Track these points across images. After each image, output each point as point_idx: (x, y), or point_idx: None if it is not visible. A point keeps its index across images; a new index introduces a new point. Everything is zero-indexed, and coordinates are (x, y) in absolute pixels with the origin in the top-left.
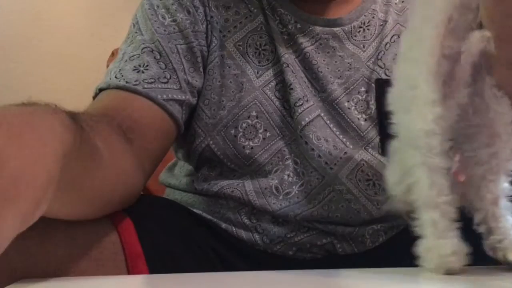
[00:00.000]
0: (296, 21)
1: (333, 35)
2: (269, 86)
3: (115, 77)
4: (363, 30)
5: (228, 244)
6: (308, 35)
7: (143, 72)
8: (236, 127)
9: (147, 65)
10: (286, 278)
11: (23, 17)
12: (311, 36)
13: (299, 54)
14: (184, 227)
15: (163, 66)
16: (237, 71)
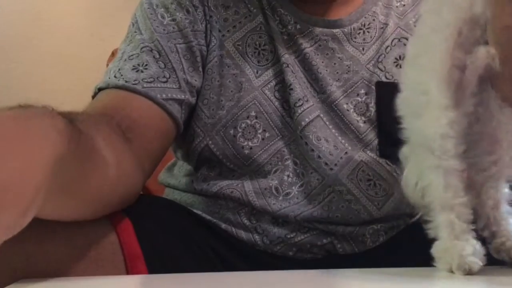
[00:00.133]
0: (296, 22)
1: (333, 37)
2: (268, 86)
3: (114, 76)
4: (363, 32)
5: (228, 245)
6: (307, 36)
7: (142, 71)
8: (235, 127)
9: (146, 65)
10: (286, 278)
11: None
12: (310, 37)
13: (299, 55)
14: (184, 227)
15: (162, 66)
16: (236, 70)
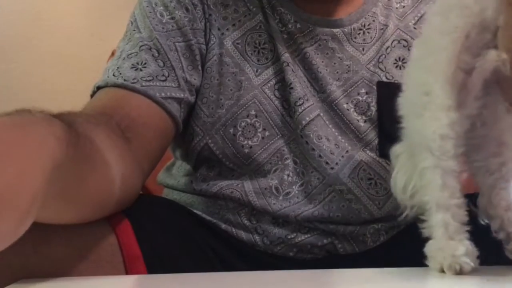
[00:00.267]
0: (296, 21)
1: (333, 36)
2: (268, 85)
3: (113, 75)
4: (363, 32)
5: (228, 245)
6: (308, 35)
7: (141, 70)
8: (235, 126)
9: (145, 63)
10: (286, 278)
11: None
12: (310, 37)
13: (299, 54)
14: (184, 228)
15: (161, 64)
16: (236, 69)
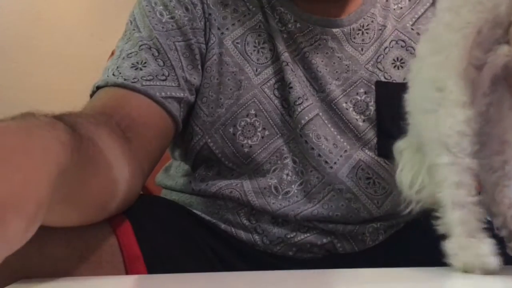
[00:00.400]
0: (296, 21)
1: (332, 36)
2: (268, 84)
3: (113, 74)
4: (362, 33)
5: (228, 245)
6: (307, 35)
7: (141, 69)
8: (235, 125)
9: (145, 62)
10: (286, 278)
11: (23, 17)
12: (310, 36)
13: (298, 53)
14: (184, 228)
15: (161, 63)
16: (235, 68)
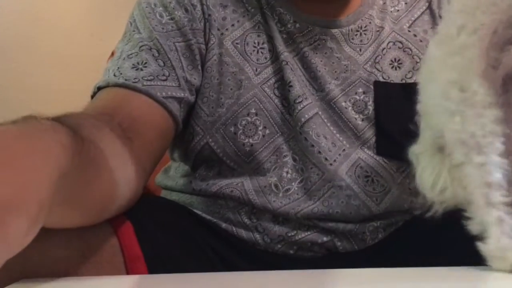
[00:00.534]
0: (295, 21)
1: (331, 37)
2: (268, 84)
3: (114, 75)
4: (360, 34)
5: (228, 244)
6: (307, 35)
7: (141, 69)
8: (236, 124)
9: (145, 63)
10: (286, 278)
11: (23, 17)
12: (309, 36)
13: (298, 53)
14: (184, 228)
15: (162, 64)
16: (236, 68)
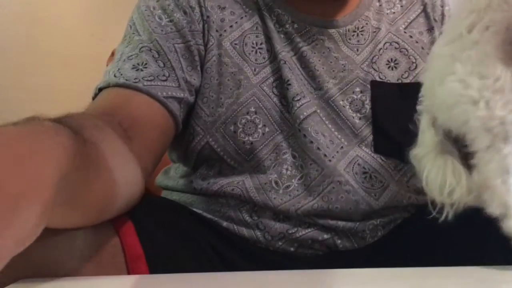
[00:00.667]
0: (294, 21)
1: (329, 37)
2: (266, 83)
3: (114, 75)
4: (357, 34)
5: (229, 243)
6: (305, 35)
7: (142, 70)
8: (235, 123)
9: (145, 64)
10: (287, 278)
11: (23, 17)
12: (308, 36)
13: (296, 53)
14: (185, 227)
15: (162, 65)
16: (235, 69)
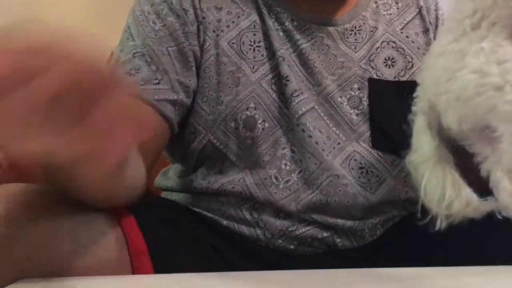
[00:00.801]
0: (293, 19)
1: (328, 34)
2: (265, 80)
3: None
4: (355, 33)
5: (229, 241)
6: (304, 33)
7: (134, 75)
8: (236, 119)
9: (138, 69)
10: (287, 278)
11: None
12: (307, 34)
13: (295, 50)
14: (185, 226)
15: (155, 68)
16: (233, 67)
